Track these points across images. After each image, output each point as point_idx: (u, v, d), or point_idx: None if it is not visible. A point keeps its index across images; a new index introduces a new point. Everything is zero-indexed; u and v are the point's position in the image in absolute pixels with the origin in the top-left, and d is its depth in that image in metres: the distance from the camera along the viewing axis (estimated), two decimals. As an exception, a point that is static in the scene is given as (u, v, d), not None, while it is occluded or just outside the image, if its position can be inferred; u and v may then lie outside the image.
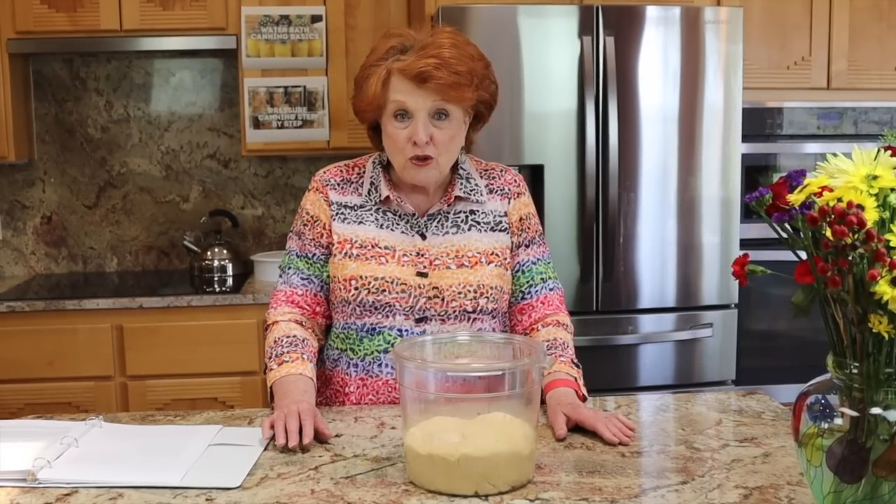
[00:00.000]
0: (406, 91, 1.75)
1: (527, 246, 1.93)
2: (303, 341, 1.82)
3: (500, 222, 1.91)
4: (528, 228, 1.94)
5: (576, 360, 1.86)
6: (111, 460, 1.51)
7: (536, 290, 1.92)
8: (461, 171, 1.91)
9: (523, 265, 1.92)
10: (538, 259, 1.94)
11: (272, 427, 1.61)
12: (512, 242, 1.91)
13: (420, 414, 1.44)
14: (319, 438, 1.61)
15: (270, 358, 1.81)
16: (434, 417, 1.43)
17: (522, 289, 1.92)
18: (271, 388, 1.78)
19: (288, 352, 1.79)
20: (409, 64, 1.74)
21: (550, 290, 1.94)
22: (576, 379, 1.79)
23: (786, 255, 1.20)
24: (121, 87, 3.84)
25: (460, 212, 1.89)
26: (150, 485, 1.41)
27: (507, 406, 1.43)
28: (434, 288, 1.82)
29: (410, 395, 1.44)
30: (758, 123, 3.38)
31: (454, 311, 1.82)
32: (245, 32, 3.53)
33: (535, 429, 1.45)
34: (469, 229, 1.88)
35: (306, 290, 1.89)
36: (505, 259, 1.89)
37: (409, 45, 1.78)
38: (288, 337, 1.82)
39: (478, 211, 1.90)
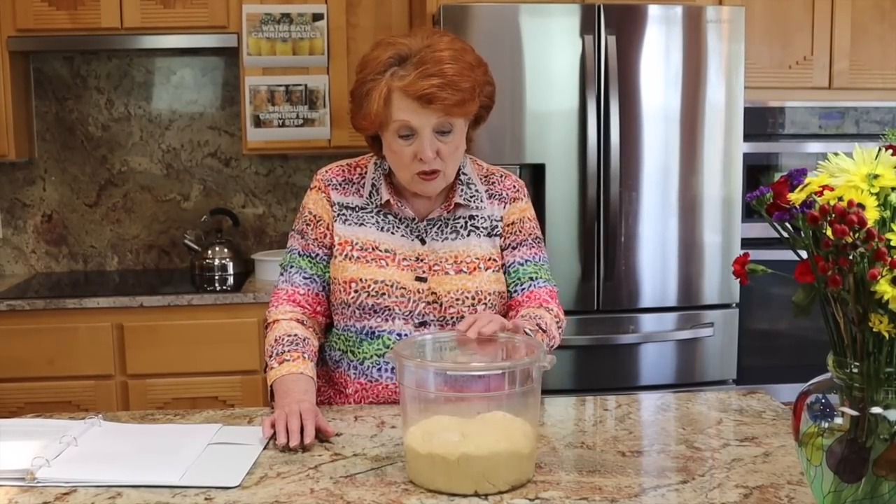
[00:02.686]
0: (410, 110, 1.72)
1: (514, 248, 1.91)
2: (304, 340, 1.82)
3: (496, 227, 1.90)
4: (520, 231, 1.92)
5: (543, 326, 1.79)
6: (110, 459, 1.51)
7: (523, 288, 1.89)
8: (462, 177, 1.89)
9: (509, 266, 1.90)
10: (527, 260, 1.91)
11: (272, 426, 1.61)
12: (500, 245, 1.91)
13: (420, 413, 1.44)
14: (321, 437, 1.60)
15: (271, 356, 1.80)
16: (433, 417, 1.43)
17: (509, 288, 1.90)
18: (272, 386, 1.77)
19: (289, 350, 1.79)
20: (411, 83, 1.70)
21: (539, 287, 1.90)
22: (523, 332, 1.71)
23: (787, 255, 1.20)
24: (121, 86, 3.84)
25: (460, 217, 1.88)
26: (150, 484, 1.41)
27: (507, 405, 1.43)
28: (432, 293, 1.82)
29: (410, 395, 1.44)
30: (759, 123, 3.38)
31: (452, 318, 1.81)
32: (246, 31, 3.53)
33: (536, 428, 1.45)
34: (468, 234, 1.88)
35: (308, 290, 1.88)
36: (501, 264, 1.89)
37: (404, 54, 1.73)
38: (289, 336, 1.81)
39: (477, 216, 1.89)
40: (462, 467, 1.36)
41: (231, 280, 3.65)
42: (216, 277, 3.69)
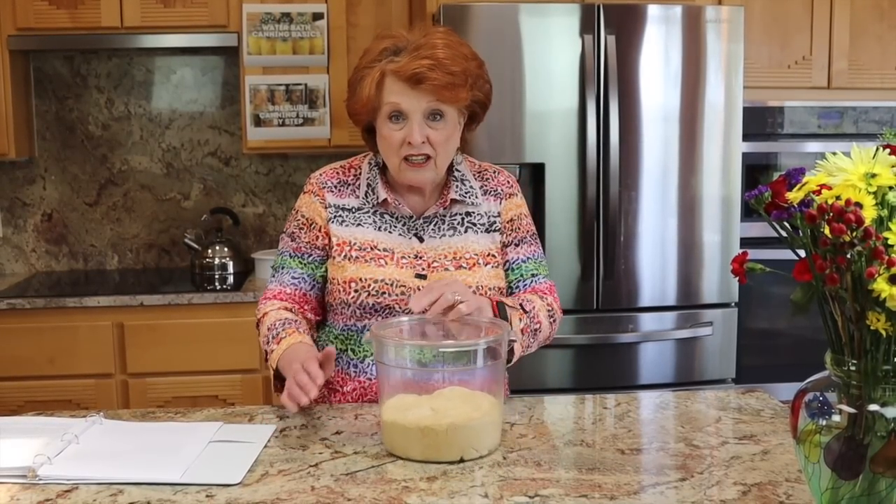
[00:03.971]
0: (400, 92, 1.75)
1: (516, 245, 1.93)
2: (295, 321, 1.85)
3: (494, 223, 1.91)
4: (519, 228, 1.94)
5: (527, 308, 1.83)
6: (112, 457, 1.51)
7: (525, 284, 1.92)
8: (456, 173, 1.90)
9: (513, 263, 1.93)
10: (528, 258, 1.94)
11: (290, 397, 1.63)
12: (502, 242, 1.92)
13: (397, 389, 1.56)
14: (324, 394, 1.64)
15: (268, 342, 1.82)
16: (399, 395, 1.55)
17: (511, 285, 1.92)
18: (276, 368, 1.78)
19: (284, 329, 1.81)
20: (402, 65, 1.74)
21: (539, 283, 1.93)
22: (499, 304, 1.78)
23: (786, 254, 1.20)
24: (122, 85, 3.84)
25: (456, 214, 1.90)
26: (151, 481, 1.41)
27: (476, 380, 1.56)
28: None
29: (389, 372, 1.55)
30: (759, 122, 3.38)
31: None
32: (246, 30, 3.53)
33: (501, 399, 1.58)
34: (465, 231, 1.89)
35: (296, 289, 1.90)
36: (501, 260, 1.90)
37: (401, 46, 1.77)
38: (280, 320, 1.84)
39: (473, 212, 1.90)
40: (450, 436, 1.48)
41: (231, 279, 3.66)
42: (216, 276, 3.70)
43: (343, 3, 3.57)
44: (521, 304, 1.84)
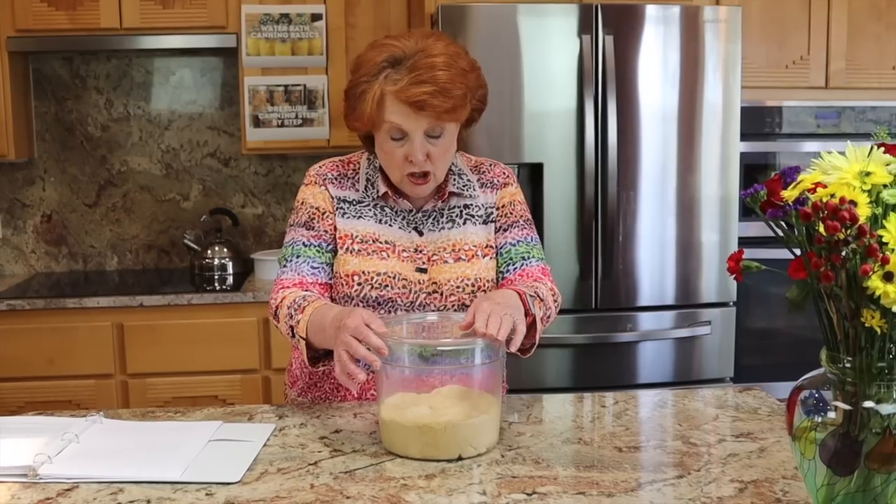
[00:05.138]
0: (402, 114, 1.73)
1: (505, 230, 1.92)
2: (316, 295, 1.79)
3: (491, 214, 1.92)
4: (511, 213, 1.93)
5: (542, 295, 1.79)
6: (112, 456, 1.52)
7: (515, 267, 1.89)
8: (454, 168, 1.91)
9: (501, 247, 1.91)
10: (519, 241, 1.92)
11: (349, 375, 1.55)
12: (495, 229, 1.92)
13: (395, 387, 1.57)
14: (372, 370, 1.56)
15: (292, 316, 1.73)
16: (398, 393, 1.56)
17: (501, 269, 1.90)
18: (307, 338, 1.69)
19: (305, 298, 1.75)
20: (403, 89, 1.70)
21: (531, 265, 1.90)
22: (524, 294, 1.73)
23: (784, 254, 1.21)
24: (121, 86, 3.85)
25: (454, 206, 1.90)
26: (151, 480, 1.42)
27: (475, 378, 1.58)
28: (433, 283, 1.83)
29: (387, 370, 1.56)
30: (757, 122, 3.39)
31: (453, 306, 1.83)
32: (245, 31, 3.54)
33: (499, 397, 1.59)
34: (464, 223, 1.89)
35: (316, 279, 1.85)
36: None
37: (398, 56, 1.73)
38: (300, 295, 1.77)
39: (471, 205, 1.91)
40: (448, 434, 1.49)
41: (231, 279, 3.66)
42: (216, 277, 3.70)
43: (342, 4, 3.58)
44: (536, 293, 1.79)
